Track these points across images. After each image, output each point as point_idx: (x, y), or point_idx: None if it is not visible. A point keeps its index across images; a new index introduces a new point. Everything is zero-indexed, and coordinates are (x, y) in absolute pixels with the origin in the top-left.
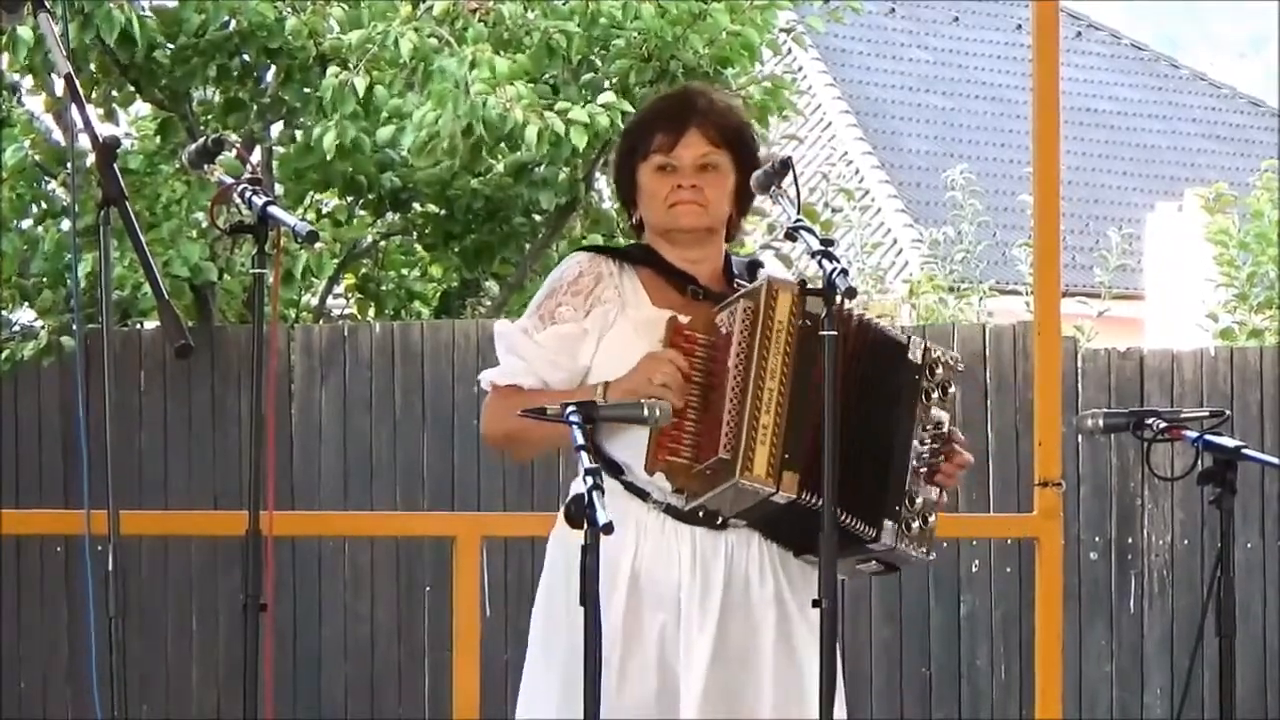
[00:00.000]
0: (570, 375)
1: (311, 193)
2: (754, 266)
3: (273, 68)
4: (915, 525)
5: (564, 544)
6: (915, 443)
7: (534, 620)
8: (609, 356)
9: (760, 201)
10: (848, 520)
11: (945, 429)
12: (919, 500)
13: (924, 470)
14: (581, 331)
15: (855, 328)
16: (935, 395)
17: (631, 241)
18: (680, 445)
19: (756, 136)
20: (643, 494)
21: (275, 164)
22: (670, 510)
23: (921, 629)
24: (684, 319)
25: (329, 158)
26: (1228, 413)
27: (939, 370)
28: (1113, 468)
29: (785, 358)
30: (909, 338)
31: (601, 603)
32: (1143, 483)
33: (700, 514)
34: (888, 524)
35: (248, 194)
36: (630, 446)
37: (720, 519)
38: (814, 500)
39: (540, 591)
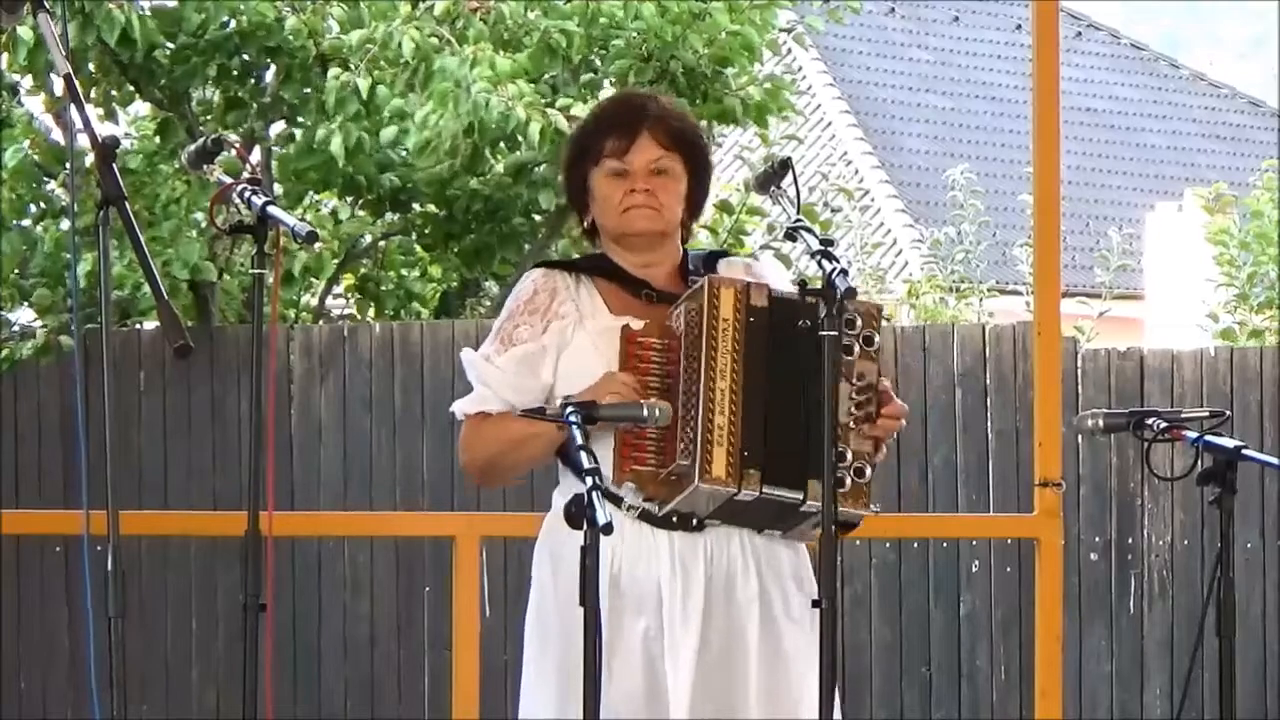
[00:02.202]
0: (534, 395)
1: (311, 193)
2: (713, 258)
3: (272, 67)
4: (848, 481)
5: (548, 548)
6: (838, 399)
7: (526, 632)
8: (570, 370)
9: (760, 201)
10: (772, 492)
11: (872, 381)
12: (849, 455)
13: (853, 426)
14: (541, 349)
15: (767, 302)
16: (857, 348)
17: (588, 253)
18: (644, 454)
19: (707, 140)
20: (616, 500)
21: (274, 164)
22: (645, 516)
23: (921, 629)
24: (638, 325)
25: (340, 164)
26: (1228, 413)
27: (858, 323)
28: (1113, 468)
29: (734, 355)
30: (818, 299)
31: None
32: (1143, 483)
33: (674, 518)
34: (813, 484)
35: (247, 194)
36: (601, 457)
37: (696, 520)
38: (778, 493)
39: (530, 603)
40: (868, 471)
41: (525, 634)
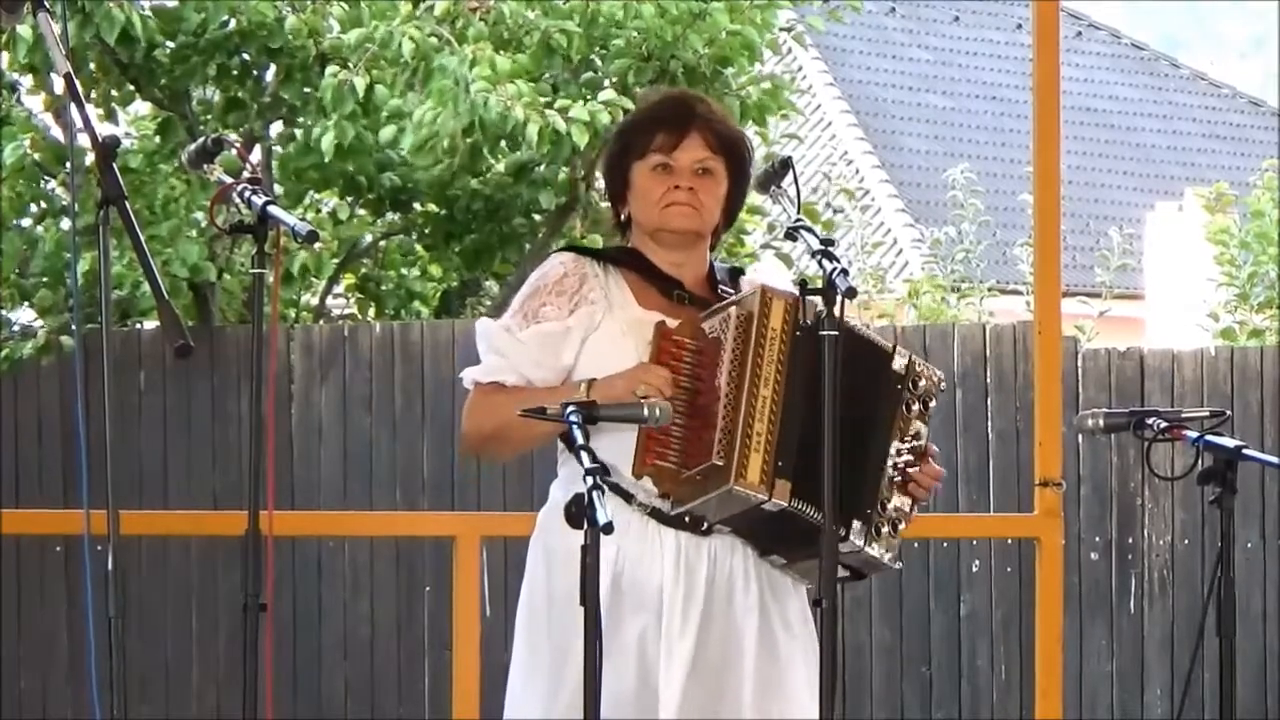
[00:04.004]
0: (553, 374)
1: (311, 192)
2: (735, 273)
3: (272, 67)
4: (885, 530)
5: (544, 545)
6: (892, 450)
7: (518, 620)
8: (595, 356)
9: (760, 201)
10: (799, 507)
11: (922, 442)
12: (890, 506)
13: (898, 479)
14: (565, 330)
15: (814, 320)
16: (916, 407)
17: (615, 244)
18: (668, 450)
19: (752, 148)
20: (627, 495)
21: (275, 163)
22: (654, 513)
23: (921, 629)
24: (672, 323)
25: (328, 159)
26: (1228, 413)
27: (921, 383)
28: (1113, 468)
29: (779, 366)
30: (894, 347)
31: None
32: (1143, 483)
33: (685, 519)
34: (856, 524)
35: (247, 194)
36: (617, 448)
37: (705, 524)
38: (803, 509)
39: (523, 592)
40: (902, 526)
41: (516, 630)
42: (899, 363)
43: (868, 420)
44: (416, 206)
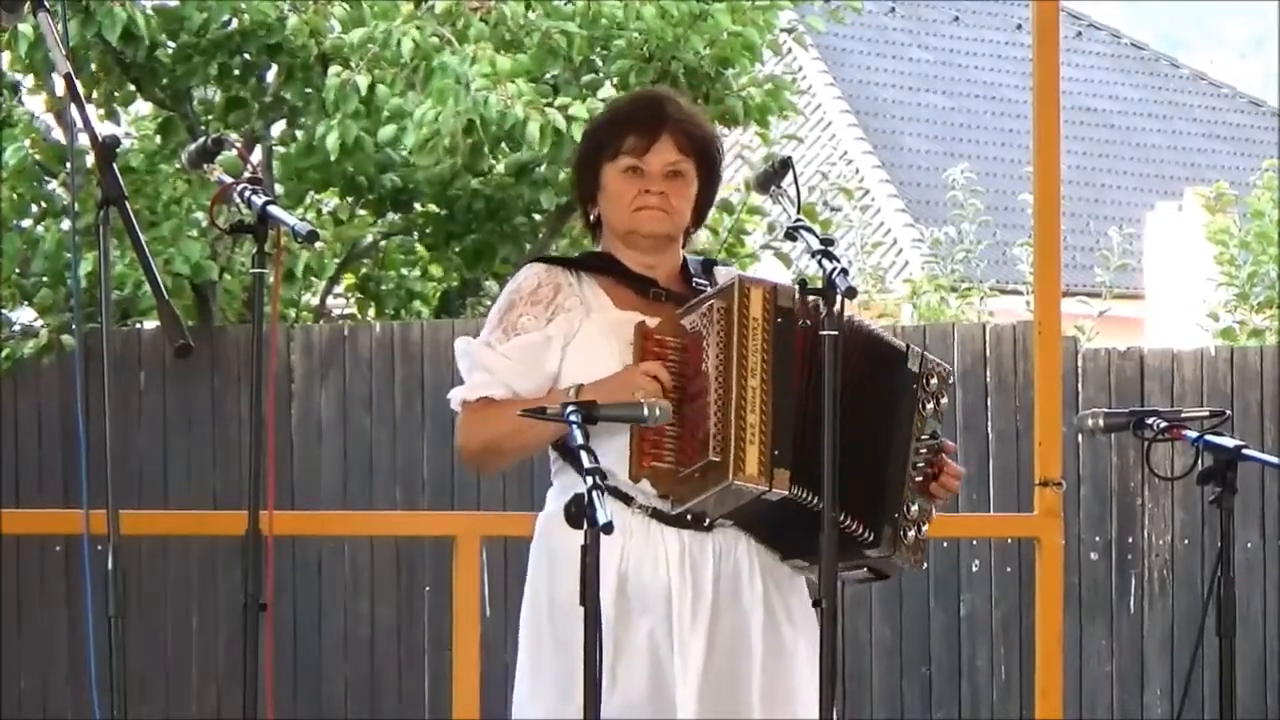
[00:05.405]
0: (539, 383)
1: (311, 192)
2: (709, 266)
3: (274, 67)
4: (910, 534)
5: (546, 550)
6: (911, 452)
7: (522, 627)
8: (578, 361)
9: (761, 201)
10: (847, 522)
11: (939, 440)
12: (913, 509)
13: (919, 480)
14: (545, 339)
15: (849, 330)
16: (930, 406)
17: (586, 251)
18: (662, 450)
19: (722, 147)
20: (626, 498)
21: (275, 163)
22: (656, 514)
23: (921, 629)
24: (652, 322)
25: (333, 158)
26: (1228, 412)
27: (933, 381)
28: (1113, 468)
29: (764, 355)
30: (908, 346)
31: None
32: (1143, 483)
33: (687, 517)
34: (886, 530)
35: (247, 193)
36: (612, 453)
37: (707, 521)
38: (806, 495)
39: (525, 599)
40: (925, 528)
41: (520, 637)
42: (913, 362)
43: (887, 423)
44: (417, 206)
